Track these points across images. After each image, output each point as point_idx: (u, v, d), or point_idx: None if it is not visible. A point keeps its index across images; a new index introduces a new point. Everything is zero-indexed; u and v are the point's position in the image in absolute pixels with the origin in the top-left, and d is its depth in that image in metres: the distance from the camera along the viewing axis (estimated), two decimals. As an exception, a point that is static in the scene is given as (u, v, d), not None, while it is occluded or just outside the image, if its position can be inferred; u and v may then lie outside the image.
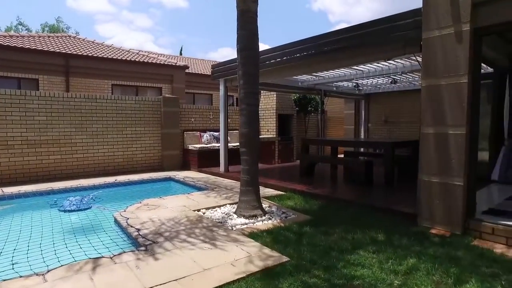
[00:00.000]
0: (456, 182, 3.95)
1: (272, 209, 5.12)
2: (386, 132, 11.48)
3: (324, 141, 8.33)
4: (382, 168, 6.56)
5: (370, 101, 11.90)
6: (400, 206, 4.79)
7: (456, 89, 3.90)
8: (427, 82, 4.16)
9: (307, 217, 4.68)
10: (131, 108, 9.06)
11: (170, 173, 8.95)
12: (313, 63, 6.02)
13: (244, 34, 4.71)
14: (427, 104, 4.16)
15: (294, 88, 10.14)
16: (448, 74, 3.97)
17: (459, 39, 3.90)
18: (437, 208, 4.12)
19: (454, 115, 3.92)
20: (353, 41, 5.08)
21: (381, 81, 9.93)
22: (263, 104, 11.53)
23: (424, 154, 4.21)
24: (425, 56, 4.19)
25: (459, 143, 3.90)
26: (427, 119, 4.17)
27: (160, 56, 14.66)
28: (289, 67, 6.45)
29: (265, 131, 11.40)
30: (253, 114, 4.73)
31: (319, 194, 5.72)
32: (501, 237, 3.75)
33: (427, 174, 4.20)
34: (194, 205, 5.30)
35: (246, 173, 4.78)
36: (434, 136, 4.11)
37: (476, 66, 3.93)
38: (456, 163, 3.93)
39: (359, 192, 5.74)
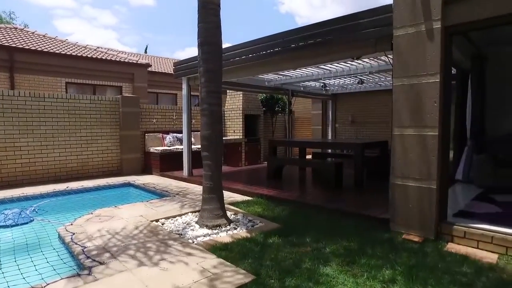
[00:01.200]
0: (429, 185, 3.79)
1: (238, 217, 4.75)
2: (353, 133, 11.49)
3: (292, 142, 8.09)
4: (351, 169, 6.41)
5: (337, 101, 11.88)
6: (371, 211, 4.60)
7: (428, 88, 3.74)
8: (398, 81, 3.98)
9: (275, 225, 4.36)
10: (86, 108, 8.33)
11: (130, 178, 8.33)
12: (281, 61, 5.73)
13: (206, 27, 4.31)
14: (398, 104, 3.98)
15: (260, 88, 9.85)
16: (419, 73, 3.80)
17: (431, 37, 3.75)
18: (410, 213, 3.95)
19: (427, 115, 3.76)
20: (324, 37, 4.83)
21: (348, 81, 9.89)
22: (229, 104, 11.15)
23: (395, 156, 4.03)
24: (396, 54, 4.01)
25: (431, 145, 3.74)
26: (398, 120, 3.99)
27: (120, 54, 13.82)
28: (255, 65, 6.12)
29: (231, 132, 11.02)
30: (215, 114, 4.34)
31: (288, 199, 5.44)
32: (473, 240, 3.64)
33: (399, 177, 4.02)
34: (152, 215, 4.82)
35: (209, 179, 4.38)
36: (405, 137, 3.93)
37: (448, 65, 3.80)
38: (429, 166, 3.77)
39: (330, 196, 5.51)
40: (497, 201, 4.83)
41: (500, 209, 4.40)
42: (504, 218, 4.02)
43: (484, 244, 3.56)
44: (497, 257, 3.38)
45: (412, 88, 3.86)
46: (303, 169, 8.10)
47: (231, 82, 8.83)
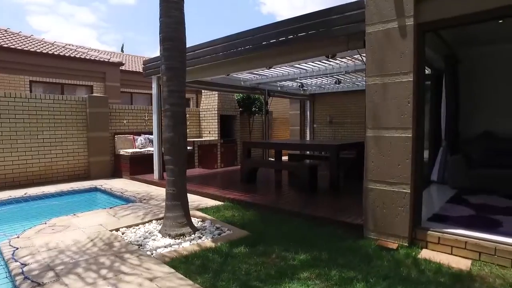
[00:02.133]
0: (403, 189, 3.62)
1: (205, 225, 4.46)
2: (332, 133, 11.38)
3: (266, 144, 7.83)
4: (328, 171, 6.22)
5: (315, 102, 11.75)
6: (346, 216, 4.40)
7: (401, 88, 3.57)
8: (371, 80, 3.79)
9: (243, 233, 4.10)
10: (49, 109, 7.82)
11: (98, 182, 7.88)
12: (253, 59, 5.47)
13: (168, 22, 4.00)
14: (371, 104, 3.79)
15: (236, 88, 9.58)
16: (392, 72, 3.63)
17: (403, 35, 3.58)
18: (384, 218, 3.77)
19: (400, 116, 3.59)
20: (295, 34, 4.60)
21: (326, 81, 9.76)
22: (204, 104, 10.83)
23: (368, 159, 3.85)
24: (368, 52, 3.82)
25: (405, 147, 3.57)
26: (371, 121, 3.80)
27: (91, 51, 13.21)
28: (226, 63, 5.83)
29: (206, 133, 10.70)
30: (178, 115, 4.04)
31: (260, 204, 5.19)
32: (447, 246, 3.49)
33: (372, 181, 3.83)
34: (113, 223, 4.46)
35: (172, 185, 4.07)
36: (378, 139, 3.75)
37: (421, 64, 3.64)
38: (403, 169, 3.60)
39: (303, 200, 5.29)
40: (471, 203, 4.74)
41: (473, 212, 4.29)
42: (477, 221, 3.91)
43: (458, 249, 3.42)
44: (470, 263, 3.25)
45: (385, 87, 3.68)
46: (279, 172, 7.87)
47: (206, 81, 8.53)
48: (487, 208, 4.48)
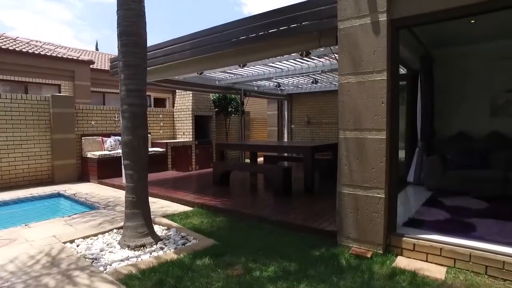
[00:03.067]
0: (377, 194, 3.43)
1: (170, 233, 4.15)
2: (309, 134, 11.24)
3: (239, 145, 7.53)
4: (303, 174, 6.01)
5: (293, 102, 11.59)
6: (319, 222, 4.19)
7: (375, 87, 3.38)
8: (344, 79, 3.59)
9: (210, 242, 3.82)
10: (6, 109, 7.26)
11: (62, 187, 7.39)
12: (224, 57, 5.18)
13: (125, 15, 3.66)
14: (344, 105, 3.59)
15: (211, 87, 9.28)
16: (365, 70, 3.44)
17: (376, 31, 3.39)
18: (358, 225, 3.57)
19: (374, 117, 3.40)
20: (266, 30, 4.35)
21: (303, 81, 9.59)
22: (178, 104, 10.46)
23: (341, 162, 3.64)
24: (341, 49, 3.62)
25: (379, 149, 3.39)
26: (343, 122, 3.60)
27: (59, 49, 12.53)
28: (196, 61, 5.52)
29: (180, 134, 10.33)
30: (138, 117, 3.71)
31: (230, 210, 4.91)
32: (422, 253, 3.33)
33: (345, 185, 3.63)
34: (68, 234, 4.08)
35: (131, 191, 3.74)
36: (351, 141, 3.55)
37: (395, 62, 3.47)
38: (377, 172, 3.41)
39: (276, 205, 5.05)
40: (446, 206, 4.64)
41: (448, 215, 4.18)
42: (452, 225, 3.78)
43: (433, 256, 3.27)
44: (445, 271, 3.10)
45: (358, 86, 3.48)
46: (254, 175, 7.62)
47: (179, 81, 8.19)
48: (461, 210, 4.38)
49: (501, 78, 6.12)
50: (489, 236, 3.41)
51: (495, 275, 2.96)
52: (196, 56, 5.28)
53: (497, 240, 3.30)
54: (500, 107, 6.18)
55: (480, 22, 5.00)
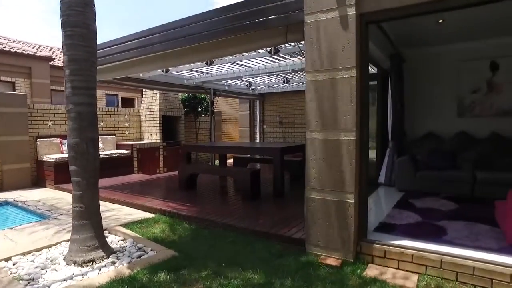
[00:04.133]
0: (347, 199, 3.23)
1: (126, 244, 3.78)
2: (281, 134, 11.07)
3: (205, 147, 7.15)
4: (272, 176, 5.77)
5: (265, 101, 11.38)
6: (287, 229, 3.95)
7: (344, 85, 3.18)
8: (311, 76, 3.37)
9: (169, 254, 3.49)
10: None
11: (12, 194, 6.77)
12: (187, 53, 4.83)
13: (70, 3, 3.27)
14: (311, 104, 3.37)
15: (179, 87, 8.89)
16: (334, 67, 3.23)
17: (345, 26, 3.19)
18: (326, 231, 3.36)
19: (342, 117, 3.20)
20: (227, 26, 4.07)
21: (274, 80, 9.40)
22: (145, 104, 9.98)
23: (309, 165, 3.42)
24: (308, 44, 3.40)
25: (348, 151, 3.19)
26: (311, 123, 3.38)
27: (12, 43, 11.64)
28: (156, 58, 5.14)
29: (147, 136, 9.85)
30: (85, 117, 3.32)
31: (194, 216, 4.59)
32: (393, 260, 3.17)
33: (313, 189, 3.41)
34: (6, 250, 3.61)
35: (79, 200, 3.34)
36: (319, 143, 3.34)
37: (365, 59, 3.28)
38: (346, 176, 3.22)
39: (244, 210, 4.76)
40: (417, 208, 4.55)
41: (420, 218, 4.06)
42: (423, 229, 3.65)
43: (405, 264, 3.11)
44: (417, 278, 2.94)
45: (326, 85, 3.27)
46: (224, 178, 7.31)
47: (144, 79, 7.76)
48: (432, 212, 4.29)
49: (467, 79, 6.17)
50: (459, 240, 3.30)
51: (466, 281, 2.85)
52: (157, 52, 4.91)
53: (467, 244, 3.20)
54: (467, 107, 6.23)
55: (448, 23, 4.98)
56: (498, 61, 5.97)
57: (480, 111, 6.12)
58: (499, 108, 5.99)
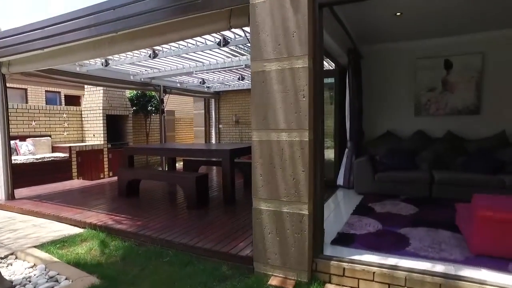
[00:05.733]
0: (299, 210, 2.77)
1: (33, 273, 3.06)
2: (238, 134, 10.57)
3: (147, 150, 6.41)
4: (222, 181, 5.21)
5: (221, 100, 10.81)
6: (234, 244, 3.43)
7: (294, 77, 2.72)
8: (257, 67, 2.88)
9: (89, 282, 2.84)
10: None
11: None
12: (121, 39, 4.13)
13: None
14: (257, 99, 2.88)
15: (124, 83, 8.05)
16: (282, 55, 2.76)
17: (296, 7, 2.73)
18: (277, 248, 2.89)
19: (294, 114, 2.74)
20: (166, 4, 3.47)
21: (229, 77, 8.86)
22: (87, 102, 9.02)
23: (256, 171, 2.92)
24: (253, 29, 2.90)
25: (301, 154, 2.73)
26: (257, 121, 2.88)
27: None
28: (83, 47, 4.39)
29: (90, 137, 8.90)
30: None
31: (129, 231, 3.92)
32: (353, 279, 2.77)
33: (261, 199, 2.92)
34: None
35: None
36: (267, 144, 2.85)
37: (319, 47, 2.84)
38: (298, 183, 2.75)
39: (188, 223, 4.15)
40: (377, 213, 4.23)
41: (380, 226, 3.72)
42: (385, 239, 3.30)
43: (366, 282, 2.72)
44: (380, 300, 2.55)
45: (275, 76, 2.79)
46: (173, 183, 6.63)
47: (84, 74, 6.87)
48: (393, 218, 3.98)
49: (423, 77, 6.05)
50: (423, 252, 2.97)
51: (433, 300, 2.50)
52: (85, 40, 4.18)
53: (432, 256, 2.88)
54: (423, 106, 6.10)
55: (405, 18, 4.74)
56: (452, 60, 5.90)
57: (436, 110, 6.01)
58: (453, 107, 5.92)
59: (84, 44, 4.33)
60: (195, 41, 5.27)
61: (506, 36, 5.45)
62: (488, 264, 2.72)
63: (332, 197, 5.30)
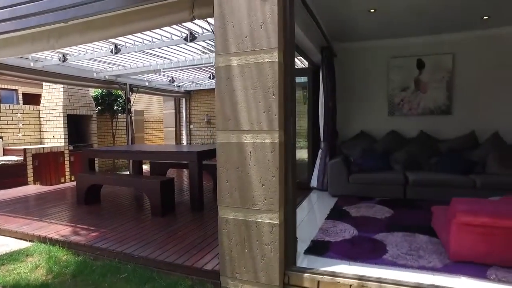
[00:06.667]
0: (269, 219, 2.51)
1: (-38, 300, 2.62)
2: (210, 135, 10.23)
3: (109, 152, 5.86)
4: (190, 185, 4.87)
5: (191, 99, 10.43)
6: (200, 256, 3.13)
7: (263, 72, 2.46)
8: (221, 61, 2.59)
9: (27, 309, 2.45)
10: None
11: None
12: (72, 30, 3.71)
13: None
14: (222, 96, 2.59)
15: (87, 80, 7.54)
16: (250, 48, 2.49)
17: (264, -4, 2.47)
18: (246, 261, 2.61)
19: (262, 114, 2.47)
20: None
21: (200, 76, 8.52)
22: (46, 101, 8.40)
23: (221, 177, 2.64)
24: (218, 19, 2.61)
25: (271, 158, 2.47)
26: (223, 121, 2.60)
27: None
28: (30, 37, 3.93)
29: (49, 138, 8.28)
30: None
31: (84, 244, 3.52)
32: (329, 291, 2.54)
33: (227, 207, 2.64)
34: None
35: None
36: (233, 147, 2.57)
37: (290, 40, 2.59)
38: (268, 190, 2.50)
39: (150, 233, 3.80)
40: (352, 217, 4.05)
41: (356, 231, 3.54)
42: (361, 246, 3.11)
43: (342, 296, 2.49)
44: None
45: (241, 71, 2.52)
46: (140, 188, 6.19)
47: (40, 70, 6.33)
48: (368, 223, 3.81)
49: (397, 77, 5.99)
50: (401, 259, 2.80)
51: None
52: (36, 28, 3.73)
53: (410, 265, 2.72)
54: (396, 106, 6.04)
55: (379, 14, 4.62)
56: (424, 60, 5.87)
57: (409, 110, 5.97)
58: (425, 107, 5.90)
59: (30, 34, 3.87)
60: (160, 35, 4.92)
61: (475, 37, 5.48)
62: (467, 272, 2.58)
63: (306, 200, 5.11)
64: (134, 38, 5.04)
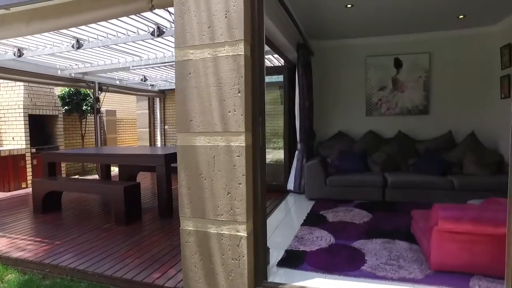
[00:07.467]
0: (236, 231, 2.25)
1: None
2: (186, 136, 9.85)
3: (72, 156, 5.30)
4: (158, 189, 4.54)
5: (166, 99, 10.03)
6: (163, 270, 2.83)
7: (228, 67, 2.19)
8: (181, 55, 2.31)
9: None
10: None
11: None
12: (14, 19, 3.32)
13: None
14: (182, 95, 2.31)
15: (49, 78, 7.04)
16: (214, 40, 2.22)
17: (229, -17, 2.20)
18: (211, 277, 2.34)
19: (227, 114, 2.21)
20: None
21: (174, 74, 8.13)
22: (4, 99, 7.79)
23: (182, 185, 2.36)
24: (178, 8, 2.33)
25: (237, 163, 2.21)
26: (183, 123, 2.32)
27: None
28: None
29: (9, 140, 7.70)
30: None
31: (31, 260, 3.14)
32: (303, 306, 2.30)
33: (189, 218, 2.36)
34: None
35: None
36: (195, 151, 2.29)
37: (259, 31, 2.34)
38: (234, 199, 2.23)
39: (110, 244, 3.46)
40: (329, 223, 3.85)
41: (333, 239, 3.33)
42: (339, 255, 2.90)
43: (317, 313, 2.26)
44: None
45: (204, 66, 2.24)
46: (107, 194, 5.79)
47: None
48: (346, 228, 3.62)
49: (374, 76, 5.88)
50: (381, 270, 2.60)
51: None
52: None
53: (390, 277, 2.52)
54: (374, 105, 5.92)
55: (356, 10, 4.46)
56: (401, 59, 5.78)
57: (387, 110, 5.86)
58: (403, 106, 5.81)
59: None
60: (126, 30, 4.57)
61: (452, 37, 5.42)
62: (449, 282, 2.42)
63: (282, 204, 4.89)
64: (97, 32, 4.67)
